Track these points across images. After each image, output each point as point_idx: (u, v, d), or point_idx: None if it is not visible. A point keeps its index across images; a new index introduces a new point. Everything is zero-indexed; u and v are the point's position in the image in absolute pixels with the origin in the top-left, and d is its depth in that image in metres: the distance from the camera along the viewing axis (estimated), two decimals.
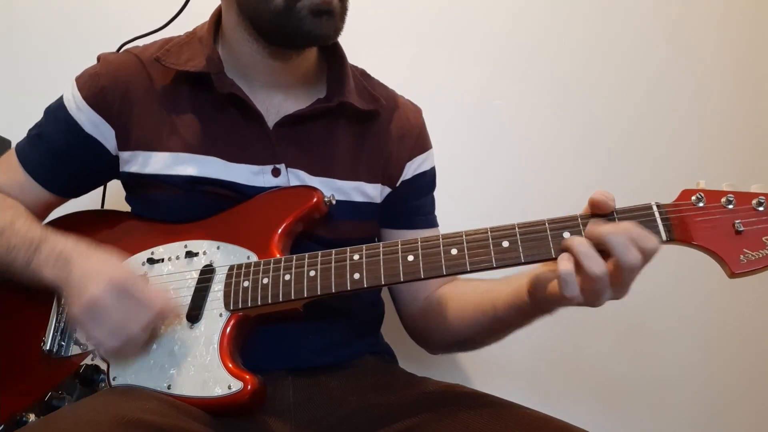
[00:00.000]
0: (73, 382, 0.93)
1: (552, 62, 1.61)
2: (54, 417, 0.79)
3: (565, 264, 0.79)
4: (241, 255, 0.96)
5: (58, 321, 0.99)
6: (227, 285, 0.94)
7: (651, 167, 1.58)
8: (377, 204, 1.10)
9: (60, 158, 1.06)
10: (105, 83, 1.04)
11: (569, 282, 0.78)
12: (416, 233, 1.12)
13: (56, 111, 1.07)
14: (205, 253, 0.98)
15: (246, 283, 0.93)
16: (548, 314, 0.91)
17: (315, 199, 0.98)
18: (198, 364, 0.90)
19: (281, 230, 0.97)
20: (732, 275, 0.78)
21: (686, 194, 0.82)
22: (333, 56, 1.11)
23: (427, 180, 1.17)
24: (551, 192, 1.54)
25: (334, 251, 0.91)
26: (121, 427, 0.74)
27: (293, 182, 1.02)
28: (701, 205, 0.80)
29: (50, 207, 1.11)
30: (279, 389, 0.96)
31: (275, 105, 1.05)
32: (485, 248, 0.85)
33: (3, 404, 0.96)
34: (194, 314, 0.93)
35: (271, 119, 1.04)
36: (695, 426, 1.53)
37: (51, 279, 0.92)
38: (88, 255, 0.92)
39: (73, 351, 0.97)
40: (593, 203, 0.82)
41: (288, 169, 1.02)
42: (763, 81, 1.65)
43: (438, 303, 1.08)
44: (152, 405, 0.82)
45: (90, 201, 1.19)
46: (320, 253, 0.91)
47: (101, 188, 1.24)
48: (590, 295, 0.79)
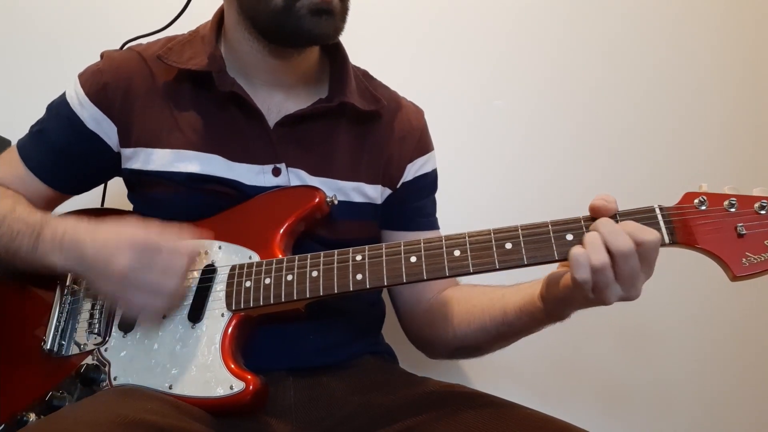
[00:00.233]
0: (74, 382, 0.93)
1: (552, 62, 1.61)
2: (55, 417, 0.79)
3: (578, 248, 0.80)
4: (243, 255, 0.96)
5: (59, 320, 0.99)
6: (229, 285, 0.94)
7: (652, 168, 1.58)
8: (377, 205, 1.10)
9: (62, 154, 1.06)
10: (107, 80, 1.04)
11: (581, 263, 0.79)
12: (417, 235, 1.10)
13: (58, 107, 1.07)
14: (207, 253, 0.98)
15: (248, 283, 0.92)
16: (560, 320, 0.92)
17: (317, 199, 0.98)
18: (200, 364, 0.90)
19: (283, 230, 0.97)
20: (734, 278, 0.79)
21: (689, 197, 0.82)
22: (335, 56, 1.10)
23: (428, 182, 1.17)
24: (552, 192, 1.54)
25: (337, 252, 0.91)
26: (122, 428, 0.73)
27: (293, 182, 1.02)
28: (704, 209, 0.81)
29: (51, 203, 1.10)
30: (280, 389, 0.96)
31: (276, 104, 1.05)
32: (488, 250, 0.85)
33: (3, 404, 0.96)
34: (196, 314, 0.93)
35: (272, 118, 1.04)
36: (695, 426, 1.54)
37: (61, 264, 0.92)
38: (95, 229, 0.92)
39: (74, 351, 0.97)
40: (593, 209, 0.83)
41: (288, 169, 1.02)
42: (764, 81, 1.65)
43: (443, 307, 1.08)
44: (153, 405, 0.82)
45: (91, 200, 1.19)
46: (323, 254, 0.91)
47: (102, 187, 1.23)
48: (596, 288, 0.80)
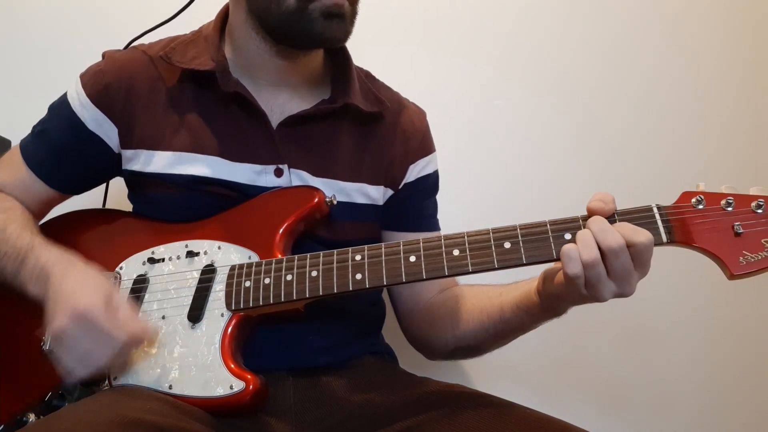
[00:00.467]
0: (74, 382, 0.93)
1: (552, 62, 1.61)
2: (55, 417, 0.79)
3: (570, 244, 0.81)
4: (243, 255, 0.97)
5: None
6: (229, 285, 0.94)
7: (652, 167, 1.58)
8: (379, 206, 1.10)
9: (63, 155, 1.06)
10: (109, 81, 1.04)
11: (572, 258, 0.79)
12: (417, 236, 1.08)
13: (60, 108, 1.07)
14: (206, 253, 0.98)
15: (248, 283, 0.93)
16: (556, 316, 0.92)
17: (316, 199, 0.98)
18: (199, 364, 0.90)
19: (283, 230, 0.97)
20: (731, 277, 0.79)
21: (686, 196, 0.83)
22: (339, 58, 1.11)
23: (430, 183, 1.17)
24: (551, 192, 1.54)
25: (336, 252, 0.91)
26: (122, 428, 0.74)
27: (295, 183, 1.02)
28: (701, 208, 0.81)
29: (52, 203, 1.11)
30: (280, 389, 0.96)
31: (279, 105, 1.05)
32: (487, 249, 0.85)
33: (3, 404, 0.96)
34: (195, 314, 0.93)
35: (275, 119, 1.04)
36: (695, 426, 1.54)
37: (33, 294, 0.93)
38: (64, 275, 0.91)
39: None
40: (590, 211, 0.83)
41: (291, 170, 1.02)
42: (764, 81, 1.65)
43: (441, 306, 1.08)
44: (153, 405, 0.83)
45: (92, 199, 1.19)
46: (322, 254, 0.92)
47: (103, 187, 1.24)
48: (589, 284, 0.80)
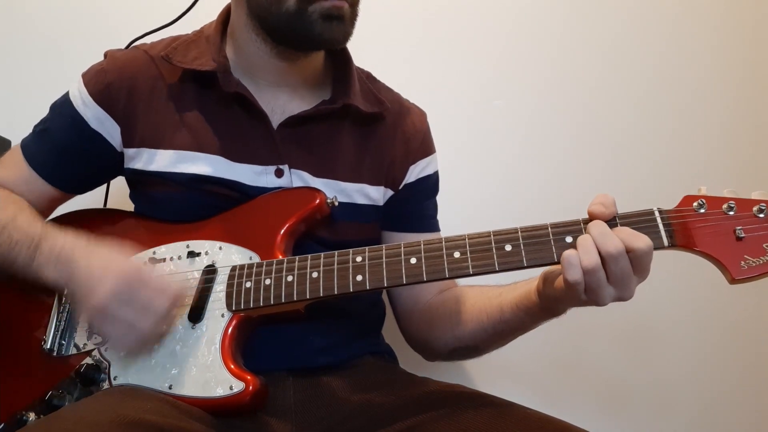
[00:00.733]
0: (74, 382, 0.93)
1: (552, 62, 1.61)
2: (55, 417, 0.79)
3: (570, 250, 0.81)
4: (244, 255, 0.96)
5: (59, 320, 0.99)
6: (229, 285, 0.94)
7: (652, 167, 1.58)
8: (379, 206, 1.10)
9: (65, 154, 1.06)
10: (111, 80, 1.04)
11: (572, 264, 0.79)
12: (418, 237, 1.10)
13: (62, 107, 1.07)
14: (207, 253, 0.98)
15: (248, 284, 0.93)
16: (555, 316, 0.92)
17: (317, 201, 0.98)
18: (200, 365, 0.90)
19: (284, 231, 0.97)
20: (733, 281, 0.79)
21: (688, 200, 0.82)
22: (339, 58, 1.11)
23: (430, 184, 1.17)
24: (551, 192, 1.54)
25: (337, 253, 0.91)
26: (122, 428, 0.74)
27: (296, 183, 1.02)
28: (702, 212, 0.81)
29: (55, 203, 1.11)
30: (280, 389, 0.96)
31: (280, 105, 1.05)
32: (488, 251, 0.85)
33: (3, 403, 0.96)
34: (196, 314, 0.93)
35: (276, 119, 1.04)
36: (695, 426, 1.54)
37: (53, 279, 0.92)
38: (90, 252, 0.92)
39: (74, 350, 0.97)
40: (591, 214, 0.83)
41: (291, 170, 1.02)
42: (764, 81, 1.65)
43: (440, 307, 1.08)
44: (153, 405, 0.82)
45: (93, 199, 1.19)
46: (323, 255, 0.92)
47: (105, 186, 1.23)
48: (589, 289, 0.80)
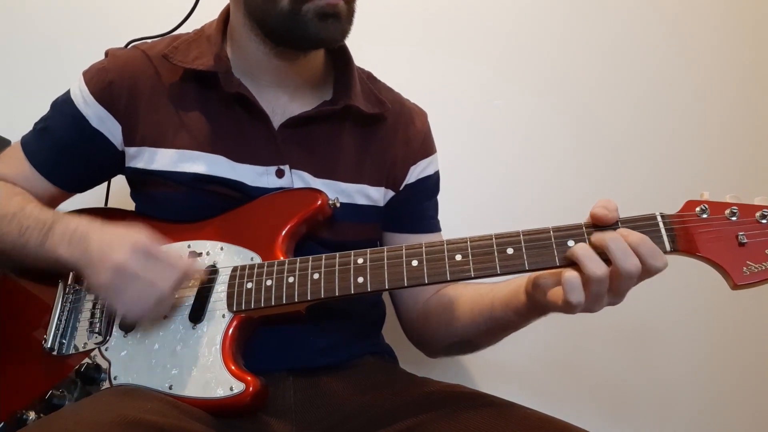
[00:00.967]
0: (74, 381, 0.93)
1: (552, 62, 1.61)
2: (55, 416, 0.79)
3: (570, 271, 0.80)
4: (245, 256, 0.96)
5: (60, 320, 0.99)
6: (230, 286, 0.94)
7: (652, 167, 1.59)
8: (380, 207, 1.10)
9: (66, 152, 1.06)
10: (112, 78, 1.04)
11: (575, 286, 0.79)
12: (418, 237, 1.12)
13: (63, 105, 1.06)
14: (209, 254, 0.98)
15: (249, 285, 0.93)
16: (544, 315, 0.92)
17: (319, 202, 0.98)
18: (200, 365, 0.90)
19: (285, 232, 0.97)
20: (735, 287, 0.79)
21: (690, 205, 0.82)
22: (340, 58, 1.10)
23: (431, 184, 1.17)
24: (552, 193, 1.55)
25: (338, 255, 0.91)
26: (122, 428, 0.74)
27: (297, 184, 1.02)
28: (705, 217, 0.81)
29: (55, 201, 1.10)
30: (280, 390, 0.96)
31: (281, 106, 1.05)
32: (490, 255, 0.85)
33: (3, 402, 0.96)
34: (197, 315, 0.93)
35: (277, 120, 1.03)
36: (694, 426, 1.55)
37: (66, 257, 0.93)
38: (104, 228, 0.93)
39: (74, 350, 0.97)
40: (594, 218, 0.82)
41: (292, 171, 1.02)
42: (764, 81, 1.65)
43: (438, 305, 1.09)
44: (153, 405, 0.82)
45: (94, 199, 1.19)
46: (324, 256, 0.91)
47: (105, 185, 1.23)
48: (591, 299, 0.80)
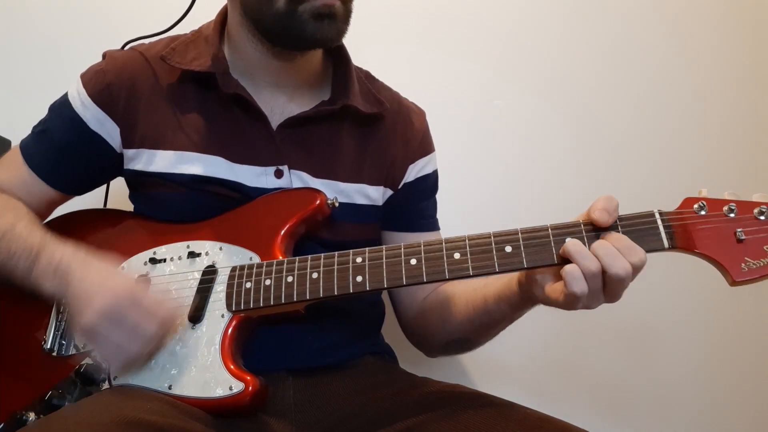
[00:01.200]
0: (74, 382, 0.93)
1: (552, 62, 1.61)
2: (55, 417, 0.79)
3: (569, 265, 0.80)
4: (244, 256, 0.96)
5: (59, 320, 0.99)
6: (229, 286, 0.94)
7: (652, 166, 1.58)
8: (379, 207, 1.10)
9: (64, 155, 1.06)
10: (110, 80, 1.04)
11: (576, 277, 0.79)
12: (417, 236, 1.12)
13: (61, 108, 1.06)
14: (208, 254, 0.98)
15: (248, 285, 0.93)
16: (535, 305, 0.92)
17: (318, 201, 0.98)
18: (199, 365, 0.90)
19: (284, 232, 0.97)
20: (733, 283, 0.79)
21: (688, 202, 0.82)
22: (338, 58, 1.10)
23: (429, 183, 1.17)
24: (551, 192, 1.55)
25: (337, 254, 0.91)
26: (122, 428, 0.74)
27: (296, 184, 1.02)
28: (703, 213, 0.81)
29: (54, 204, 1.10)
30: (279, 390, 0.96)
31: (279, 106, 1.05)
32: (488, 253, 0.85)
33: (3, 403, 0.96)
34: (196, 315, 0.93)
35: (275, 120, 1.04)
36: (694, 426, 1.55)
37: (50, 292, 0.93)
38: (88, 265, 0.92)
39: (74, 350, 0.97)
40: (594, 222, 0.82)
41: (291, 171, 1.02)
42: (764, 81, 1.65)
43: (434, 302, 1.09)
44: (153, 405, 0.82)
45: (93, 200, 1.19)
46: (323, 256, 0.92)
47: (104, 187, 1.23)
48: (588, 294, 0.80)
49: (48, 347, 0.98)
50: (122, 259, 1.00)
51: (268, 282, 0.92)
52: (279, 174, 1.02)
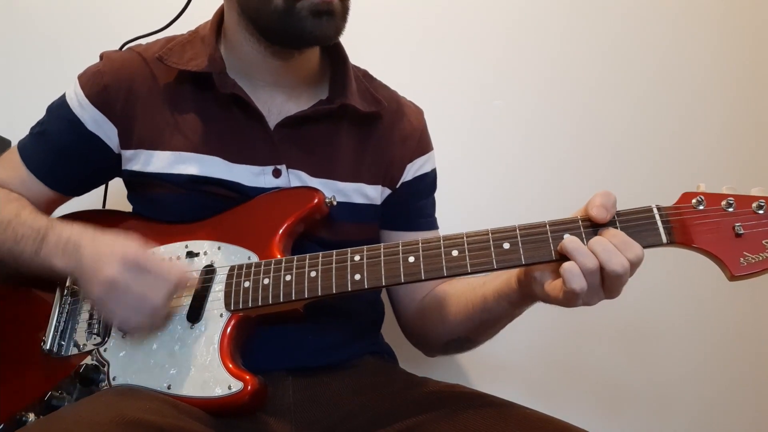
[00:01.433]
0: (73, 382, 0.93)
1: (552, 62, 1.61)
2: (54, 417, 0.79)
3: (568, 263, 0.80)
4: (242, 255, 0.96)
5: (59, 321, 0.99)
6: (228, 285, 0.94)
7: (651, 167, 1.58)
8: (377, 206, 1.10)
9: (62, 156, 1.06)
10: (108, 81, 1.04)
11: (575, 273, 0.79)
12: (416, 235, 1.11)
13: (59, 109, 1.07)
14: (206, 254, 0.98)
15: (247, 284, 0.93)
16: (535, 302, 0.92)
17: (316, 200, 0.98)
18: (198, 365, 0.90)
19: (282, 231, 0.97)
20: (732, 278, 0.79)
21: (687, 197, 0.82)
22: (335, 57, 1.10)
23: (428, 182, 1.17)
24: (551, 192, 1.55)
25: (335, 252, 0.91)
26: (122, 427, 0.74)
27: (294, 183, 1.02)
28: (701, 208, 0.81)
29: (53, 205, 1.11)
30: (279, 389, 0.96)
31: (277, 105, 1.05)
32: (486, 250, 0.85)
33: (3, 403, 0.96)
34: (195, 314, 0.93)
35: (273, 120, 1.04)
36: (694, 426, 1.54)
37: (62, 267, 0.93)
38: (96, 237, 0.93)
39: (73, 351, 0.97)
40: (592, 219, 0.82)
41: (289, 170, 1.02)
42: (764, 81, 1.65)
43: (434, 302, 1.08)
44: (152, 405, 0.82)
45: (92, 201, 1.19)
46: (321, 254, 0.91)
47: (103, 188, 1.24)
48: (587, 290, 0.80)
49: (47, 348, 0.97)
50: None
51: (267, 281, 0.92)
52: (277, 173, 1.02)
